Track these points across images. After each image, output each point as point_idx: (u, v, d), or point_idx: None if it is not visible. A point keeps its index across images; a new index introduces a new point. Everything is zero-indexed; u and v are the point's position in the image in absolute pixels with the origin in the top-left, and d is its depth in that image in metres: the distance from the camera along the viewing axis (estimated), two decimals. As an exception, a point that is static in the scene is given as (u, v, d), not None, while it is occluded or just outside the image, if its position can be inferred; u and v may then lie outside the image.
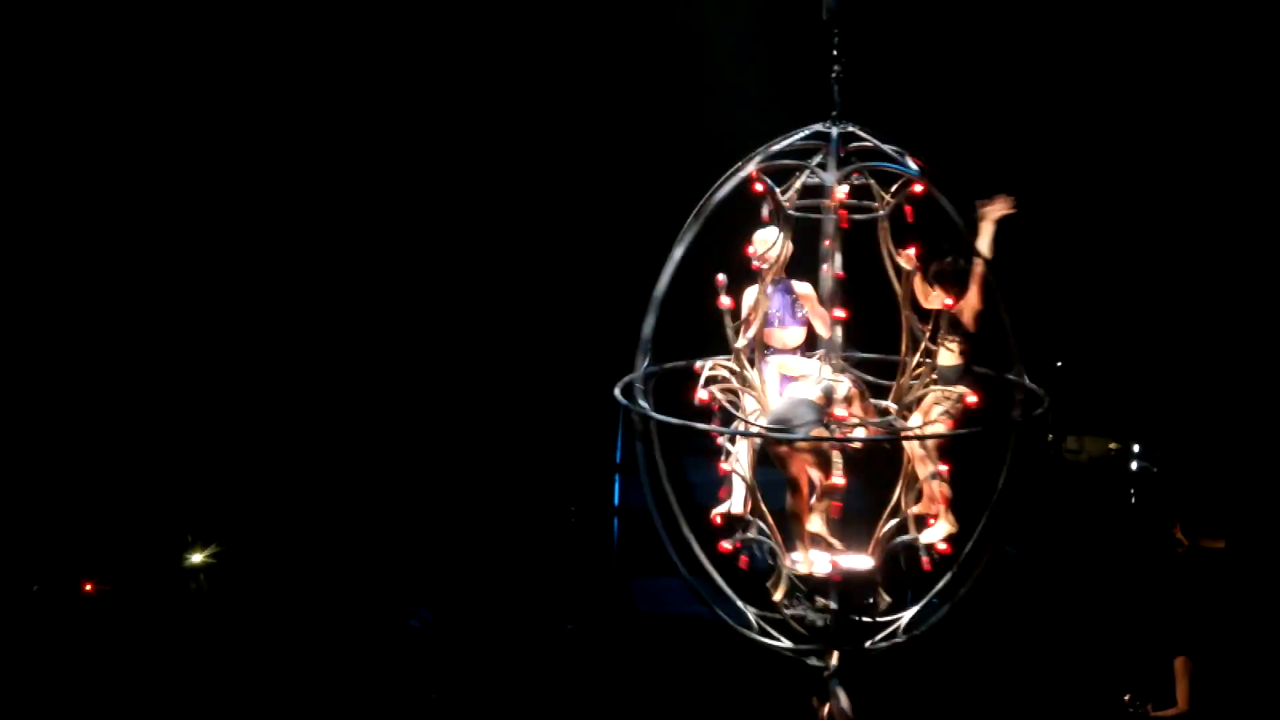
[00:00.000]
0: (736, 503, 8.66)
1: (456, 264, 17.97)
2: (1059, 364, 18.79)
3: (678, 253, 8.27)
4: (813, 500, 8.49)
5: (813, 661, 8.43)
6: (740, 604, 8.54)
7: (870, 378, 8.70)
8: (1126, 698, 12.07)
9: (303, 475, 17.32)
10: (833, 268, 8.36)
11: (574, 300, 17.55)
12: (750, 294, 8.62)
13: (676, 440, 8.49)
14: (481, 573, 16.60)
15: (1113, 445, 19.04)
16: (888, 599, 8.57)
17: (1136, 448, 18.85)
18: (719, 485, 8.70)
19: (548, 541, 17.21)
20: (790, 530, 8.51)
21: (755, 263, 8.53)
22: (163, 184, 17.29)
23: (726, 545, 8.55)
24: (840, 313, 8.31)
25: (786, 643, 8.44)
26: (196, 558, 15.96)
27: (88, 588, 15.25)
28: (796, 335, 8.84)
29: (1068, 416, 19.10)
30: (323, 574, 16.26)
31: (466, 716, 13.81)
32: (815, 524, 8.51)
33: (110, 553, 16.00)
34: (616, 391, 8.53)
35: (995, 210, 8.75)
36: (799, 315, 8.87)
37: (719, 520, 8.66)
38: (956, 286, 8.71)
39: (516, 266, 17.88)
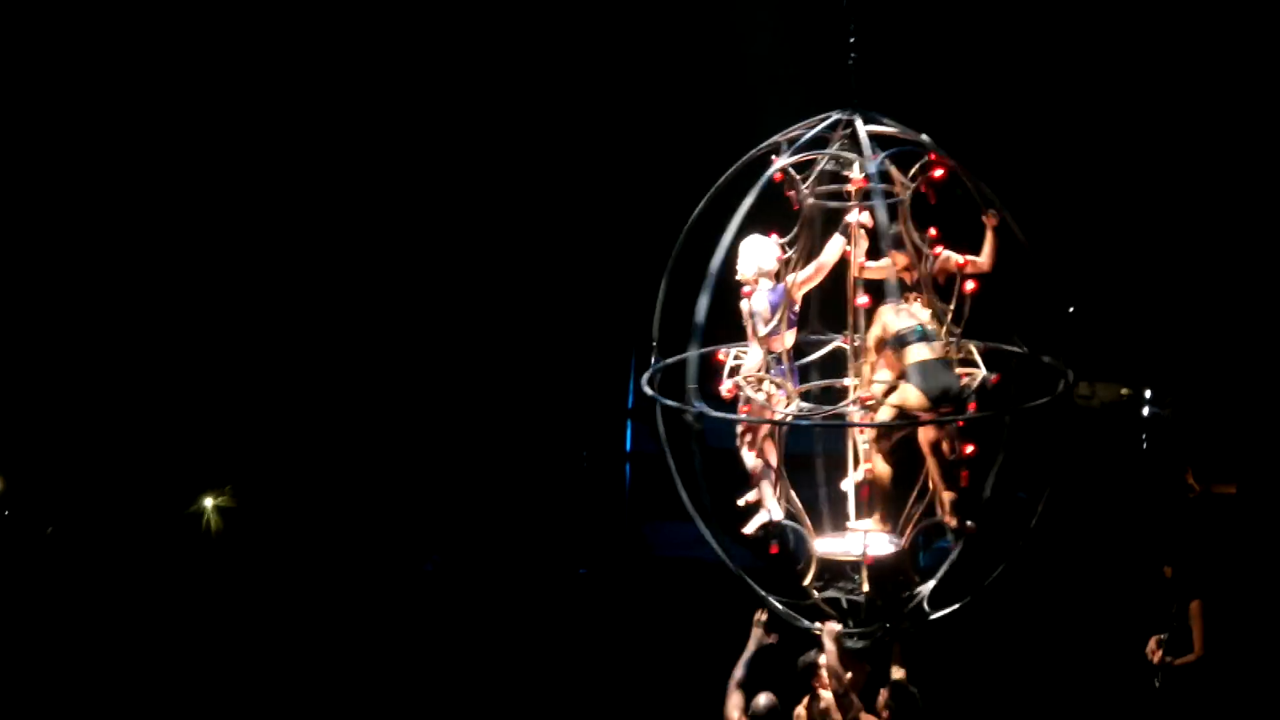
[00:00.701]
0: (768, 500, 8.73)
1: (475, 213, 17.96)
2: (1070, 309, 18.74)
3: (731, 230, 8.25)
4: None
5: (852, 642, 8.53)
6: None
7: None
8: (1151, 647, 12.09)
9: (318, 421, 17.36)
10: (914, 245, 8.47)
11: (590, 252, 17.53)
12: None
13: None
14: (494, 517, 16.65)
15: (1124, 391, 19.00)
16: (915, 579, 8.65)
17: (1148, 393, 18.81)
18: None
19: (560, 486, 17.25)
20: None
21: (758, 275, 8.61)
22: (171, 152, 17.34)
23: (749, 530, 8.67)
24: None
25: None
26: (209, 501, 16.01)
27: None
28: (791, 337, 8.83)
29: (1079, 362, 19.07)
30: (338, 519, 16.31)
31: (479, 659, 13.88)
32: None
33: (125, 497, 16.08)
34: (645, 385, 8.66)
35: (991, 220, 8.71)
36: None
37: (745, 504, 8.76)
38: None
39: (534, 219, 17.87)
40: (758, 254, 8.59)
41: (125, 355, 17.13)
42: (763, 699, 8.74)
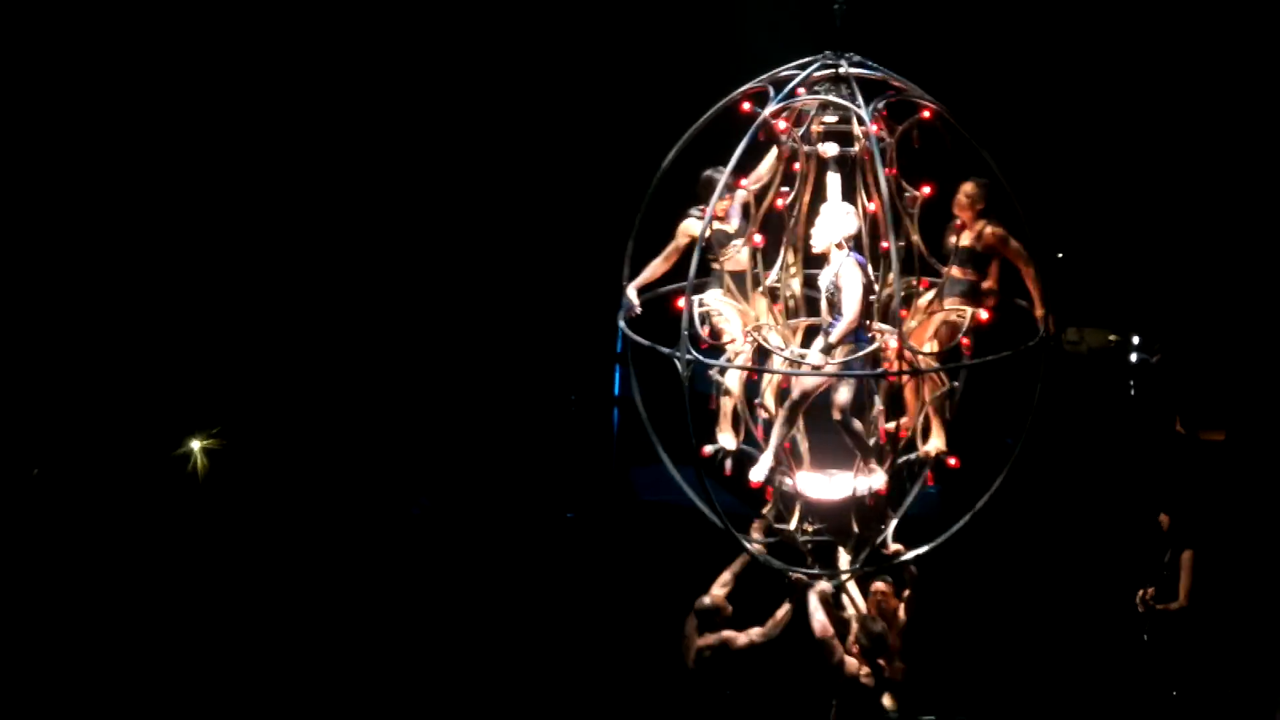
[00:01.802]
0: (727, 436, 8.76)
1: (460, 158, 17.88)
2: (1059, 255, 18.72)
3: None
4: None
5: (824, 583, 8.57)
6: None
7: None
8: (1141, 593, 12.12)
9: (305, 365, 17.30)
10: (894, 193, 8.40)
11: (580, 195, 17.45)
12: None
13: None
14: (482, 461, 16.63)
15: (1112, 337, 19.00)
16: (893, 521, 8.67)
17: (1136, 339, 18.82)
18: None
19: (548, 430, 17.23)
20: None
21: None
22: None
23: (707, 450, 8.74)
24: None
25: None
26: (196, 444, 15.96)
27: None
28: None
29: (1068, 308, 19.06)
30: (325, 462, 16.28)
31: (466, 603, 13.89)
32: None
33: (112, 439, 16.03)
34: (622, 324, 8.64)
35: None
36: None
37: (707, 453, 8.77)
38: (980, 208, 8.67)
39: (521, 163, 17.80)
40: (838, 222, 8.44)
41: (111, 298, 17.05)
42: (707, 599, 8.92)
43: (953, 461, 8.65)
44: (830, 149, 8.49)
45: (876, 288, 8.45)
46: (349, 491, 15.92)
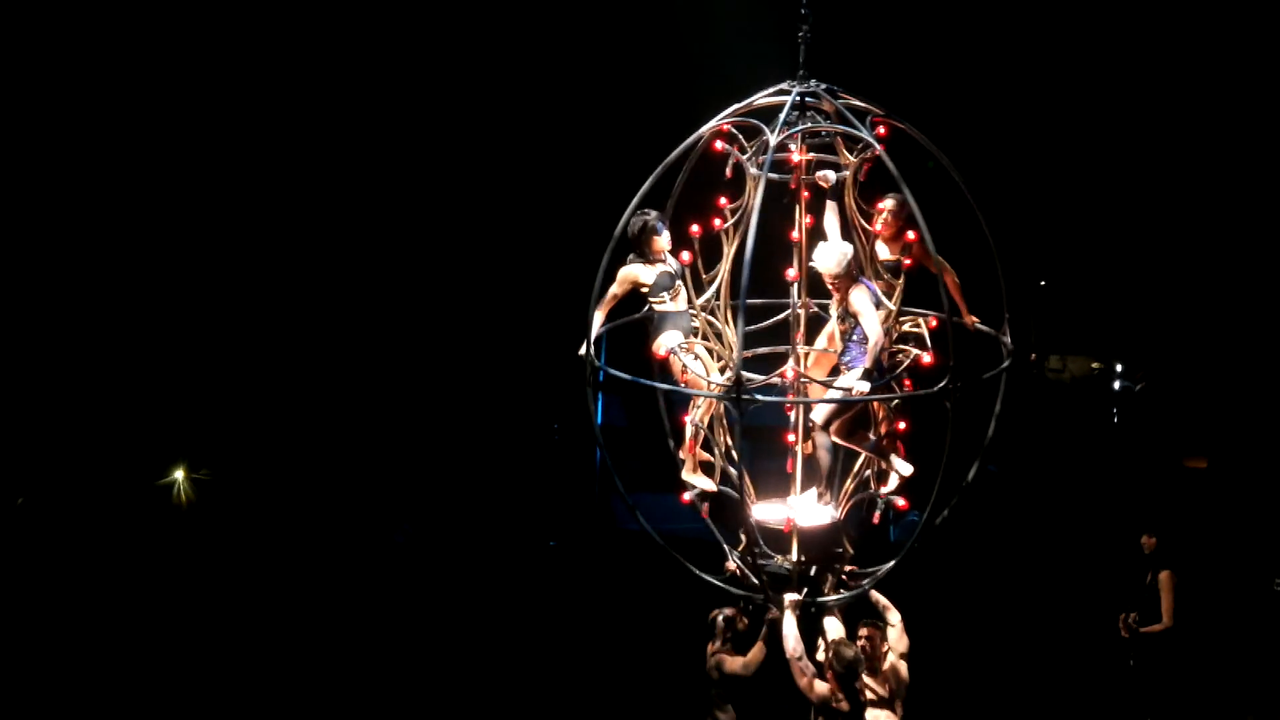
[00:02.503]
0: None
1: (445, 190, 17.93)
2: (1042, 283, 18.78)
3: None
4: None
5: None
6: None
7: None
8: (1124, 618, 12.15)
9: (291, 394, 17.31)
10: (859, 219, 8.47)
11: (564, 226, 17.50)
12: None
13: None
14: (465, 489, 16.65)
15: (1095, 364, 19.08)
16: (850, 550, 8.67)
17: (1119, 367, 18.89)
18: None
19: (530, 459, 17.24)
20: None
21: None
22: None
23: (686, 497, 8.73)
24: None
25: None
26: (180, 474, 15.96)
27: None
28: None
29: (1051, 336, 19.13)
30: (310, 490, 16.29)
31: (449, 630, 13.89)
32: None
33: (97, 469, 16.03)
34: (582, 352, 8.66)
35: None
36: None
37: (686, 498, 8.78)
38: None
39: (506, 193, 17.86)
40: (840, 251, 8.45)
41: (97, 328, 17.05)
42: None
43: (901, 503, 8.67)
44: (829, 176, 8.53)
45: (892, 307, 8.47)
46: (333, 518, 15.92)
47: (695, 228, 8.38)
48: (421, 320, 17.78)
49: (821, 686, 8.43)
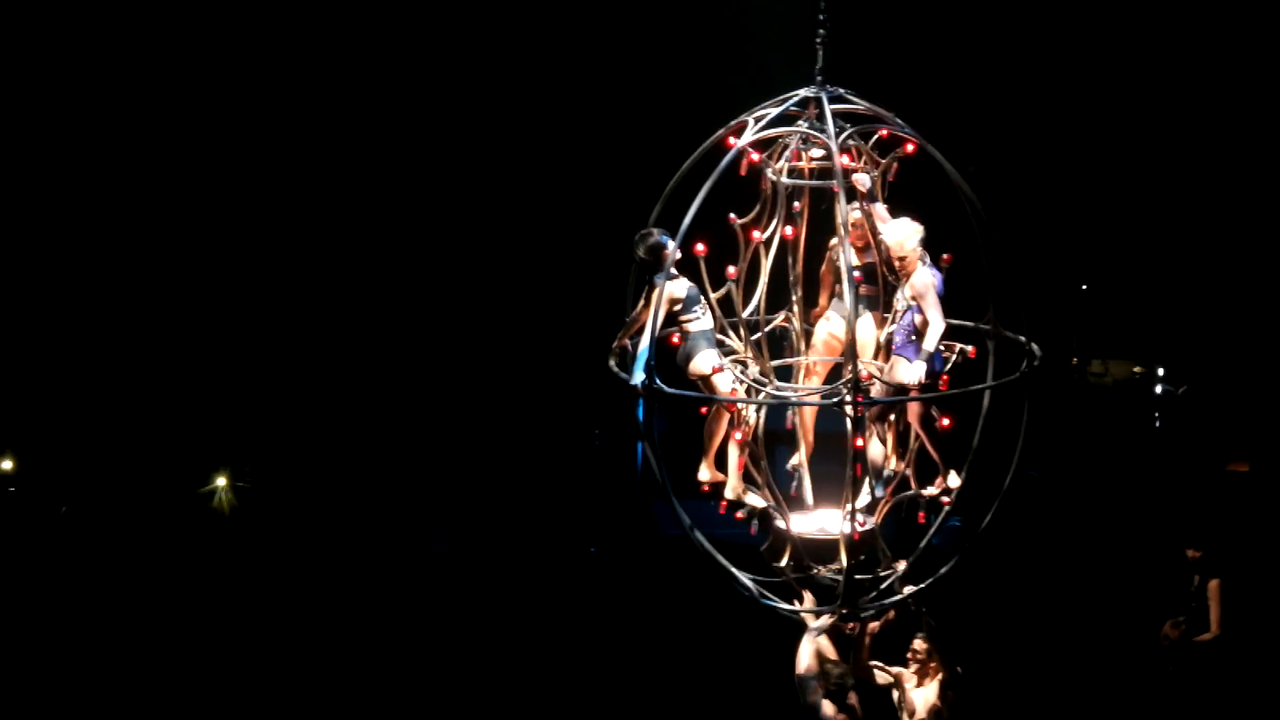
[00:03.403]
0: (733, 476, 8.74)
1: (485, 191, 17.98)
2: (1084, 287, 18.72)
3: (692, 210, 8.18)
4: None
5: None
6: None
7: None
8: (1167, 628, 12.08)
9: (331, 400, 17.38)
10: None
11: (597, 233, 17.52)
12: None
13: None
14: (506, 496, 16.66)
15: (1137, 369, 18.97)
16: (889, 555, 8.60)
17: (1161, 371, 18.78)
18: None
19: (571, 465, 17.24)
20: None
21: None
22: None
23: (740, 515, 8.71)
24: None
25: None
26: (222, 481, 16.03)
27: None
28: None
29: (1093, 340, 19.05)
30: (351, 497, 16.33)
31: (490, 637, 13.90)
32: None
33: (140, 477, 16.12)
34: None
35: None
36: None
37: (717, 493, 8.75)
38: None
39: (544, 196, 17.90)
40: (912, 229, 8.38)
41: (137, 334, 17.17)
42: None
43: (945, 500, 8.59)
44: (864, 181, 8.48)
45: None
46: (374, 526, 15.95)
47: (701, 246, 8.28)
48: (462, 328, 17.82)
49: (828, 707, 8.42)
